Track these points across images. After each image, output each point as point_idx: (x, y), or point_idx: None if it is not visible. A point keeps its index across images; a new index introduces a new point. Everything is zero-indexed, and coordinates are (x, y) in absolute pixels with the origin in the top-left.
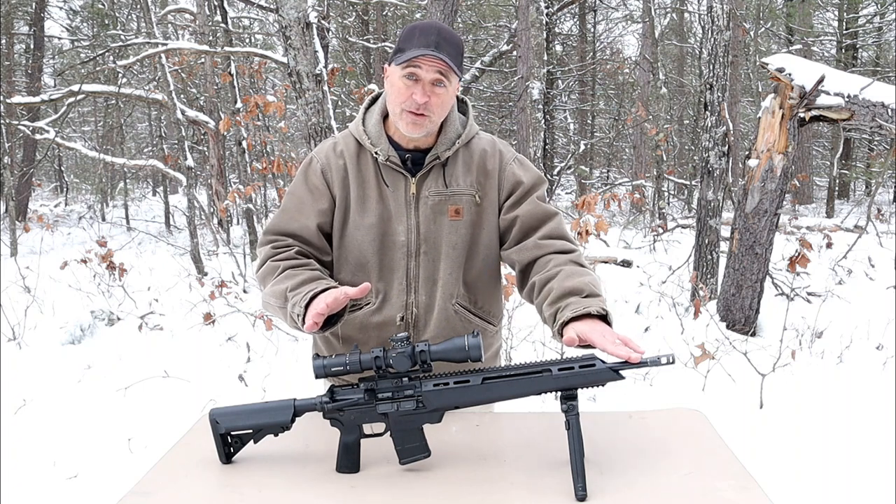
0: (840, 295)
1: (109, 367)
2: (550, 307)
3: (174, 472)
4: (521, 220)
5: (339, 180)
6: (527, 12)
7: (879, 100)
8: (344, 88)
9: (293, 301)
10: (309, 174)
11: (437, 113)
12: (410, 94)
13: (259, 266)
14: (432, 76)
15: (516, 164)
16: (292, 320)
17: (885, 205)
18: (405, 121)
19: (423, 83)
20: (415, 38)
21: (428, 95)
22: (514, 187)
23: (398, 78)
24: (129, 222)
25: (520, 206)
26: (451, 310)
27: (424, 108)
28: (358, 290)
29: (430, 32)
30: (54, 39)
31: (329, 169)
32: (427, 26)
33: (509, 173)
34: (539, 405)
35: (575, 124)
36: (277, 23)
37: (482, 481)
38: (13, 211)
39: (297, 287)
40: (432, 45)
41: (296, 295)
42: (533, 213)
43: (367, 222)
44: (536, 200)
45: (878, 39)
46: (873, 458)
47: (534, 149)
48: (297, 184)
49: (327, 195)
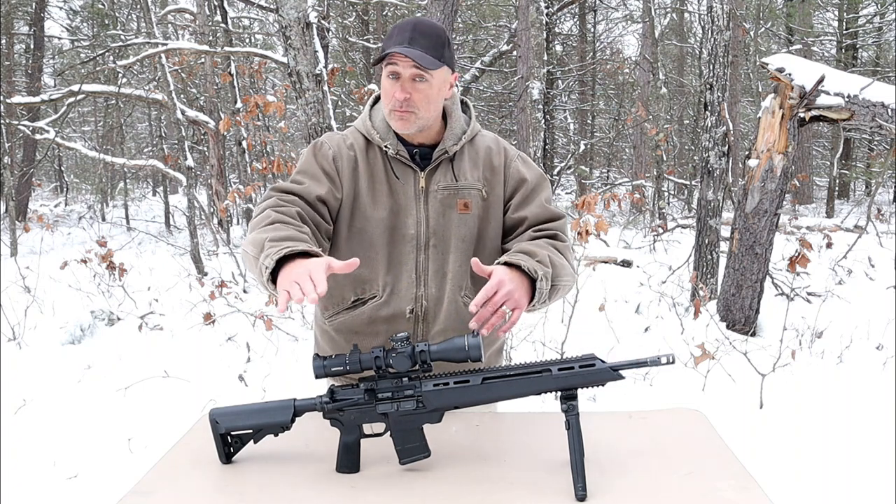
0: (840, 295)
1: (109, 367)
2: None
3: (174, 472)
4: (528, 221)
5: (349, 171)
6: (527, 12)
7: (879, 100)
8: (344, 88)
9: (266, 252)
10: (319, 157)
11: (423, 107)
12: (393, 92)
13: (256, 212)
14: (410, 72)
15: (520, 161)
16: (260, 273)
17: (885, 205)
18: (394, 118)
19: (402, 80)
20: (393, 36)
21: (409, 92)
22: (519, 185)
23: (384, 77)
24: (129, 222)
25: (528, 207)
26: (460, 302)
27: (407, 105)
28: (344, 264)
29: (406, 29)
30: (54, 39)
31: (340, 157)
32: (404, 24)
33: (514, 170)
34: (539, 405)
35: (575, 124)
36: (277, 23)
37: (482, 481)
38: (13, 211)
39: (277, 241)
40: (405, 41)
41: (272, 247)
42: (540, 215)
43: (378, 215)
44: (545, 204)
45: (878, 39)
46: (873, 458)
47: (534, 149)
48: (308, 161)
49: (337, 181)
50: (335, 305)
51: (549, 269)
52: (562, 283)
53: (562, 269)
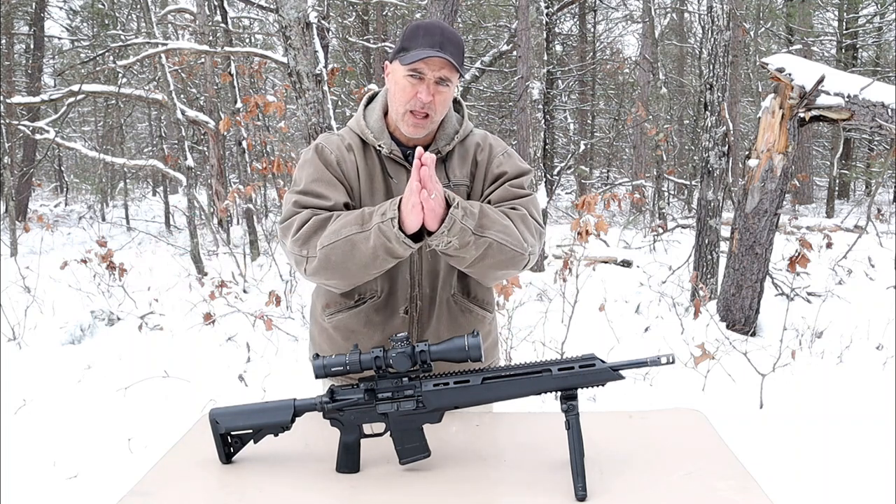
0: (840, 295)
1: (109, 367)
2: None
3: (174, 472)
4: (491, 202)
5: (353, 174)
6: (527, 12)
7: (879, 100)
8: (344, 88)
9: (381, 210)
10: (325, 162)
11: (439, 112)
12: (415, 92)
13: (296, 230)
14: (437, 75)
15: (504, 156)
16: (379, 233)
17: (885, 205)
18: (407, 122)
19: (427, 81)
20: (419, 37)
21: (432, 94)
22: (497, 177)
23: (402, 76)
24: (129, 222)
25: (497, 192)
26: (451, 301)
27: (428, 108)
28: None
29: (434, 32)
30: (54, 39)
31: (343, 161)
32: (431, 26)
33: (495, 165)
34: (539, 405)
35: (575, 124)
36: (277, 23)
37: (482, 481)
38: (13, 211)
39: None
40: (437, 45)
41: (381, 206)
42: (503, 196)
43: None
44: (510, 187)
45: (878, 39)
46: (873, 459)
47: (534, 149)
48: (317, 169)
49: (346, 183)
50: (337, 303)
51: (473, 211)
52: (495, 237)
53: (496, 223)
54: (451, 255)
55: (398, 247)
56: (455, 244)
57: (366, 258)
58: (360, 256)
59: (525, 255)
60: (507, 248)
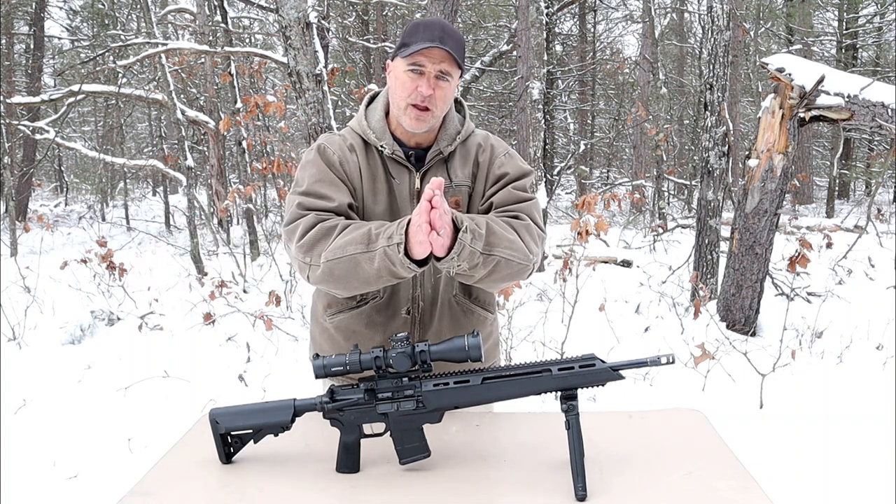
0: (840, 295)
1: (109, 367)
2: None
3: (174, 472)
4: (494, 204)
5: (356, 175)
6: (527, 12)
7: (879, 100)
8: (344, 88)
9: (387, 234)
10: (328, 163)
11: (440, 107)
12: (416, 86)
13: (301, 235)
14: (437, 68)
15: (506, 157)
16: (384, 256)
17: (885, 205)
18: (409, 116)
19: (427, 75)
20: (419, 32)
21: (432, 88)
22: (499, 178)
23: (402, 71)
24: (129, 222)
25: (498, 193)
26: (452, 301)
27: (429, 101)
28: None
29: (434, 28)
30: (54, 39)
31: (346, 161)
32: (431, 22)
33: (496, 166)
34: (539, 405)
35: (575, 124)
36: (277, 23)
37: (482, 481)
38: (13, 211)
39: (380, 226)
40: (437, 39)
41: (387, 229)
42: (506, 199)
43: (378, 215)
44: (512, 190)
45: (878, 39)
46: (873, 459)
47: (534, 149)
48: (320, 169)
49: (349, 183)
50: (339, 304)
51: (481, 231)
52: (502, 254)
53: (504, 239)
54: (460, 273)
55: (402, 271)
56: (465, 267)
57: (369, 277)
58: (363, 275)
59: (530, 266)
60: (514, 263)
